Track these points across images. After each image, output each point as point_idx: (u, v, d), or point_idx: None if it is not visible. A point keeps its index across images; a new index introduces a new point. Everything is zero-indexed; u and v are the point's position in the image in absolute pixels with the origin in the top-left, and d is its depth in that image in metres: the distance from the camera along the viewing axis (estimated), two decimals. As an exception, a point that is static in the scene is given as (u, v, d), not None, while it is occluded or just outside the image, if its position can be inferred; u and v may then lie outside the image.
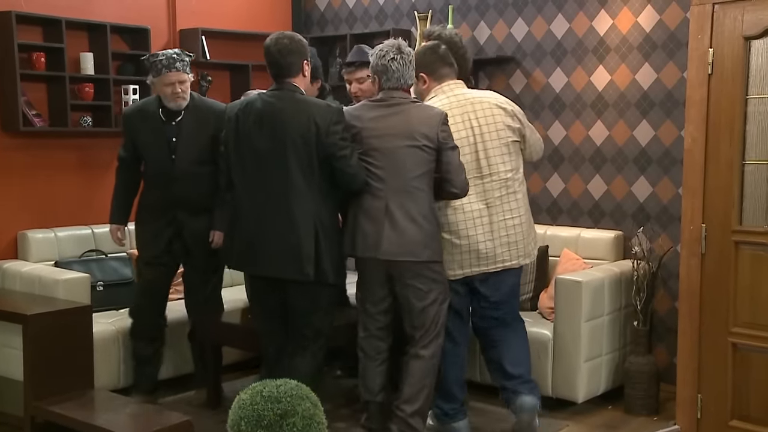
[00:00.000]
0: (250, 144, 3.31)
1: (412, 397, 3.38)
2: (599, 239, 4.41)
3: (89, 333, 3.76)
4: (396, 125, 3.31)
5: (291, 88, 3.34)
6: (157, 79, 3.84)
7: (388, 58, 3.34)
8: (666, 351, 4.29)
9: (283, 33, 3.40)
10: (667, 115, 4.28)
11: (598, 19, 4.47)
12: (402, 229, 3.27)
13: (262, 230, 3.32)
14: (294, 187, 3.26)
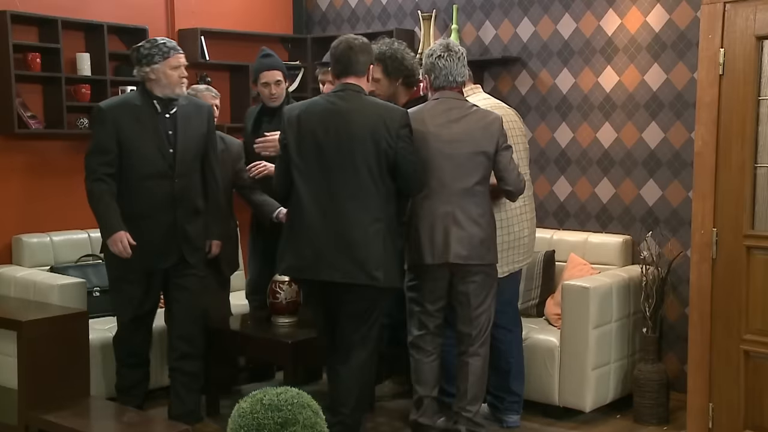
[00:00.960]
0: (316, 146, 3.28)
1: (475, 397, 3.56)
2: (607, 244, 4.40)
3: (85, 340, 3.76)
4: (462, 132, 3.42)
5: (356, 89, 3.34)
6: (163, 63, 3.63)
7: (435, 56, 3.44)
8: (676, 359, 4.28)
9: (354, 35, 3.45)
10: (677, 116, 4.28)
11: (606, 18, 4.46)
12: (469, 233, 3.40)
13: (327, 234, 3.27)
14: (363, 189, 3.25)
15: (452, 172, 3.40)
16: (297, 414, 1.62)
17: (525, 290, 4.40)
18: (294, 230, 3.33)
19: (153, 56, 3.63)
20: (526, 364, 4.02)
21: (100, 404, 3.71)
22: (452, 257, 3.39)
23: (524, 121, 4.77)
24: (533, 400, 4.08)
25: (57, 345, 3.62)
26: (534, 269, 4.41)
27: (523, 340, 4.04)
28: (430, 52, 3.47)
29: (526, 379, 4.02)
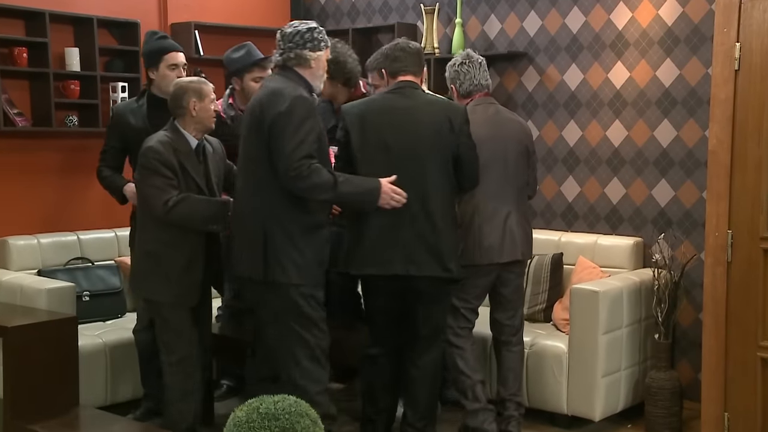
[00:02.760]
0: (382, 143, 3.36)
1: (518, 389, 3.83)
2: (617, 246, 4.39)
3: (74, 346, 3.72)
4: (512, 134, 3.72)
5: (414, 86, 3.46)
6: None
7: (457, 65, 3.76)
8: (690, 366, 4.27)
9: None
10: (691, 114, 4.26)
11: (617, 12, 4.45)
12: (518, 232, 3.69)
13: (396, 228, 3.35)
14: (433, 184, 3.38)
15: (509, 174, 3.68)
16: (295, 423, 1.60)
17: (532, 294, 4.40)
18: (363, 227, 3.38)
19: (320, 42, 3.34)
20: (533, 371, 4.03)
21: (89, 414, 3.69)
22: (512, 255, 3.67)
23: (531, 119, 4.79)
24: (540, 409, 4.08)
25: (45, 352, 3.60)
26: (541, 273, 4.40)
27: (530, 346, 4.06)
28: (453, 63, 3.79)
29: (534, 386, 4.04)
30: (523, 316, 3.93)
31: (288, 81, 3.26)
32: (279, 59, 3.31)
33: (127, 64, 4.81)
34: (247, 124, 3.29)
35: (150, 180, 3.38)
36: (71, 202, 4.72)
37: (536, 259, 4.45)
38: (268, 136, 3.17)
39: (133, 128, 3.74)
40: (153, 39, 3.77)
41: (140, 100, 3.81)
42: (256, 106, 3.24)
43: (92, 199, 4.73)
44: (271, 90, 3.24)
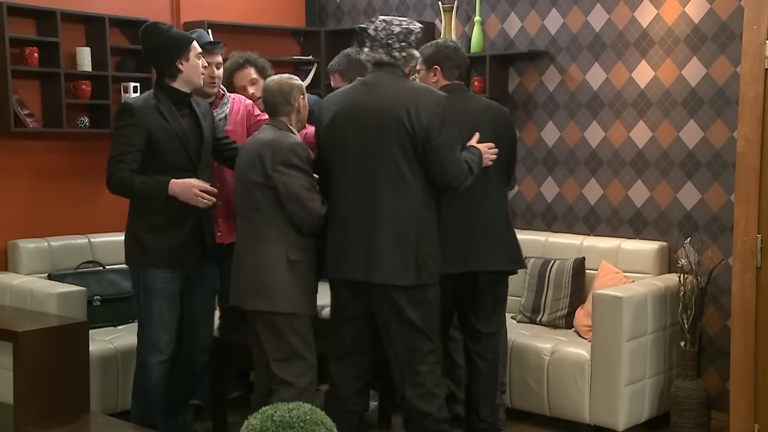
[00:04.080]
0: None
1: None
2: (641, 251, 4.36)
3: (85, 352, 3.75)
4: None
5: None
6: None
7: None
8: (717, 375, 4.23)
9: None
10: (718, 114, 4.23)
11: (641, 9, 4.42)
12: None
13: (470, 225, 3.52)
14: (492, 181, 3.57)
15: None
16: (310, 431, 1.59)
17: (553, 300, 4.39)
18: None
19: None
20: (554, 379, 4.01)
21: (100, 420, 3.71)
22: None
23: (552, 120, 4.77)
24: (561, 418, 4.06)
25: (55, 357, 3.62)
26: (563, 278, 4.38)
27: (552, 353, 4.04)
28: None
29: (555, 395, 4.02)
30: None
31: (408, 81, 3.40)
32: (385, 57, 3.33)
33: (139, 63, 4.82)
34: (383, 126, 3.25)
35: (301, 180, 3.33)
36: (82, 204, 4.73)
37: (557, 263, 4.43)
38: (424, 137, 3.23)
39: (163, 127, 3.50)
40: (166, 30, 3.60)
41: (160, 96, 3.55)
42: (398, 106, 3.23)
43: (104, 201, 4.73)
44: (408, 88, 3.31)
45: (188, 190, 3.47)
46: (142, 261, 3.56)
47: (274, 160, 3.32)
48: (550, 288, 4.41)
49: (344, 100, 3.38)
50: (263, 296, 3.33)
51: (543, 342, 4.14)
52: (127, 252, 3.63)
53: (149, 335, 3.60)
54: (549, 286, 4.41)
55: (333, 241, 3.36)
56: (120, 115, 3.54)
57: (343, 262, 3.32)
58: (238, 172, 3.49)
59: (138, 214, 3.59)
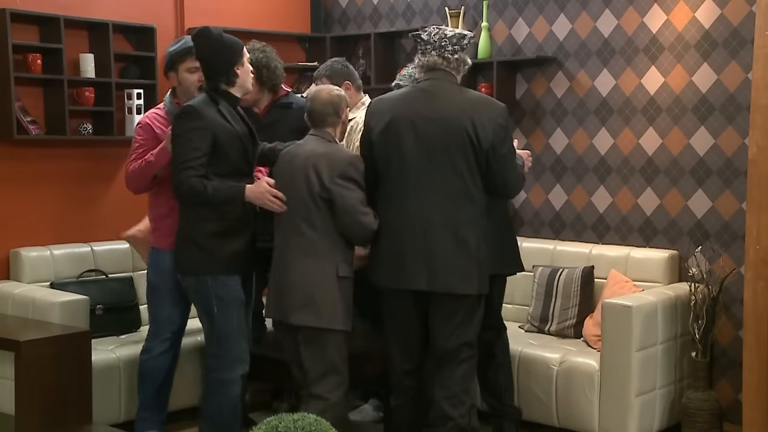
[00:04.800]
0: None
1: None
2: (651, 259, 4.35)
3: (88, 361, 3.74)
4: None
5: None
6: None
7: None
8: (729, 386, 4.20)
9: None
10: (729, 121, 4.22)
11: (651, 14, 4.41)
12: None
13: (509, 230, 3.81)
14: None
15: None
16: (317, 444, 1.58)
17: (561, 309, 4.37)
18: (504, 229, 3.69)
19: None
20: (563, 390, 4.00)
21: (102, 431, 3.69)
22: None
23: (560, 126, 4.75)
24: (570, 429, 4.04)
25: (57, 367, 3.61)
26: (571, 287, 4.37)
27: (560, 363, 4.03)
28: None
29: (564, 405, 4.00)
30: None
31: (466, 90, 3.45)
32: (438, 59, 3.35)
33: (143, 70, 4.82)
34: (448, 137, 3.28)
35: (357, 194, 3.34)
36: (85, 212, 4.72)
37: (566, 272, 4.41)
38: (489, 148, 3.27)
39: (228, 131, 3.44)
40: (219, 35, 3.50)
41: (220, 102, 3.46)
42: (462, 116, 3.26)
43: (106, 209, 4.73)
44: (470, 98, 3.36)
45: (263, 195, 3.42)
46: (212, 269, 3.45)
47: (332, 172, 3.32)
48: (559, 297, 4.39)
49: (400, 106, 3.37)
50: (312, 312, 3.32)
51: (551, 352, 4.12)
52: (189, 261, 3.49)
53: (230, 348, 3.49)
54: (557, 295, 4.39)
55: (389, 251, 3.36)
56: (185, 118, 3.42)
57: (404, 271, 3.32)
58: (282, 182, 3.44)
59: (198, 221, 3.46)
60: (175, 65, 3.77)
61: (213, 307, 3.47)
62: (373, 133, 3.40)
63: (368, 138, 3.43)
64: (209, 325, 3.52)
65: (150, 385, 3.80)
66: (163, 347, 3.78)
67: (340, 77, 4.01)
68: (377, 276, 3.41)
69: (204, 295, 3.48)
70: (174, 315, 3.78)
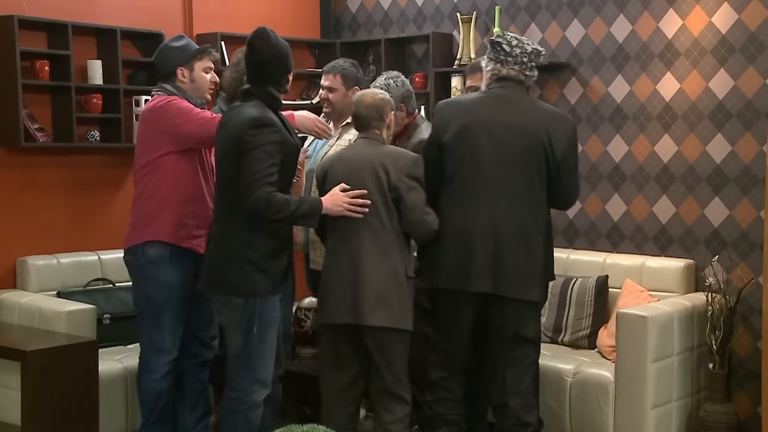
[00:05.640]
0: None
1: None
2: (667, 269, 4.33)
3: (95, 372, 3.74)
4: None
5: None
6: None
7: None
8: (748, 399, 4.17)
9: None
10: (747, 128, 4.19)
11: (666, 19, 4.40)
12: None
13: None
14: None
15: None
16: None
17: (575, 319, 4.35)
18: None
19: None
20: (577, 401, 3.98)
21: (109, 442, 3.70)
22: None
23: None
24: (585, 442, 4.00)
25: (64, 377, 3.61)
26: (585, 296, 4.35)
27: (574, 374, 4.00)
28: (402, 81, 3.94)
29: (578, 417, 3.98)
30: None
31: (538, 101, 3.67)
32: (519, 74, 3.47)
33: (151, 76, 4.82)
34: (527, 143, 3.39)
35: (422, 194, 3.42)
36: (92, 220, 4.73)
37: (580, 281, 4.39)
38: (561, 158, 3.41)
39: (292, 143, 3.38)
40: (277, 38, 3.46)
41: (276, 109, 3.37)
42: (539, 126, 3.39)
43: (114, 217, 4.73)
44: (544, 110, 3.54)
45: (340, 205, 3.36)
46: (265, 289, 3.32)
47: (400, 171, 3.39)
48: (572, 307, 4.36)
49: (476, 111, 3.46)
50: (389, 312, 3.36)
51: (565, 363, 4.09)
52: (244, 281, 3.31)
53: (258, 369, 3.39)
54: (571, 305, 4.37)
55: (454, 253, 3.41)
56: (264, 129, 3.25)
57: (470, 273, 3.37)
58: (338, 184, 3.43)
59: (255, 239, 3.30)
60: (190, 62, 3.67)
61: (254, 326, 3.34)
62: (445, 136, 3.46)
63: (438, 140, 3.49)
64: (243, 344, 3.37)
65: (155, 404, 3.69)
66: (168, 367, 3.67)
67: (351, 82, 3.99)
68: (438, 276, 3.46)
69: (248, 315, 3.34)
70: (179, 331, 3.68)
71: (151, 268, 3.61)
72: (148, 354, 3.69)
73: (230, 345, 3.43)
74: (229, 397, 3.45)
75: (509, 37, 3.50)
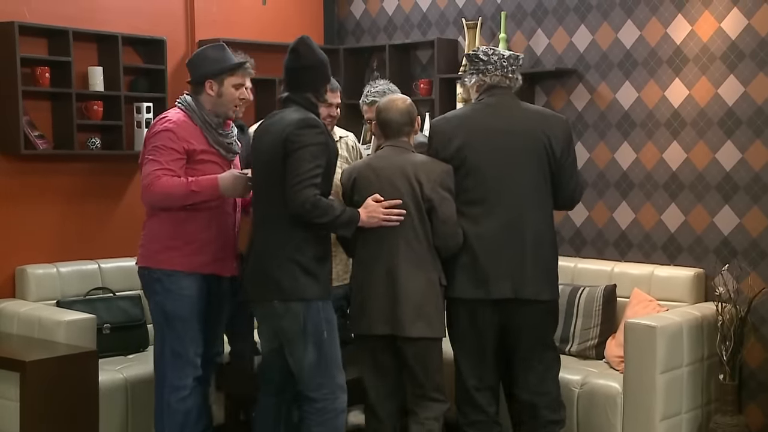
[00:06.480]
0: None
1: None
2: (676, 278, 4.32)
3: (94, 382, 3.73)
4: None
5: None
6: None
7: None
8: (760, 411, 4.16)
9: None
10: (757, 134, 4.18)
11: (675, 25, 4.39)
12: None
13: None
14: None
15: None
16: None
17: (582, 329, 4.34)
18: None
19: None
20: (584, 413, 3.96)
21: (109, 454, 3.68)
22: None
23: (581, 140, 4.73)
24: (593, 455, 3.99)
25: (64, 388, 3.60)
26: (592, 306, 4.34)
27: (581, 385, 3.99)
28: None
29: (585, 429, 3.97)
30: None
31: (526, 104, 3.67)
32: (502, 80, 3.55)
33: (153, 83, 4.83)
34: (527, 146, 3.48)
35: (453, 205, 3.45)
36: (93, 228, 4.72)
37: (587, 291, 4.38)
38: (560, 157, 3.50)
39: (335, 151, 3.40)
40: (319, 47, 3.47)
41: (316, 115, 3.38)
42: (536, 128, 3.48)
43: (114, 225, 4.73)
44: (537, 111, 3.65)
45: (376, 216, 3.38)
46: (317, 292, 3.31)
47: (434, 181, 3.41)
48: (580, 316, 4.35)
49: (472, 122, 3.52)
50: (427, 323, 3.40)
51: (572, 373, 4.07)
52: (297, 286, 3.27)
53: (334, 374, 3.36)
54: (578, 315, 4.36)
55: (472, 262, 3.46)
56: (310, 130, 3.25)
57: (491, 280, 3.43)
58: (371, 194, 3.42)
59: (303, 243, 3.28)
60: (220, 76, 3.54)
61: (323, 331, 3.30)
62: (447, 152, 3.49)
63: (440, 157, 3.51)
64: (316, 352, 3.31)
65: (183, 426, 3.55)
66: (196, 383, 3.56)
67: None
68: (456, 287, 3.48)
69: (315, 321, 3.30)
70: (202, 344, 3.58)
71: (168, 280, 3.50)
72: (173, 371, 3.52)
73: (299, 356, 3.34)
74: (312, 409, 3.36)
75: (484, 48, 3.60)
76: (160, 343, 3.55)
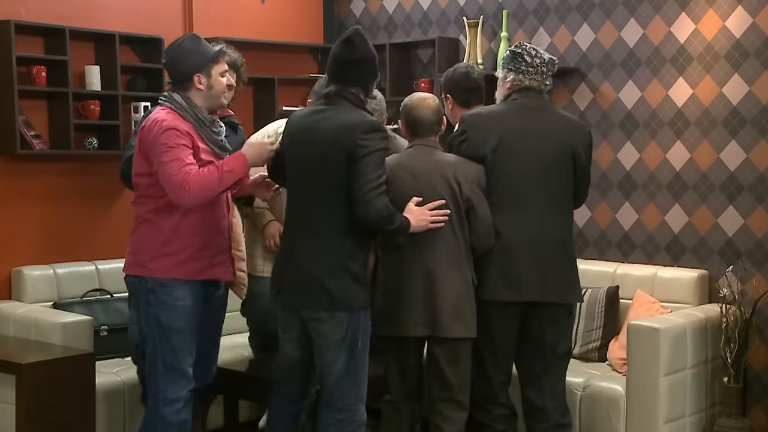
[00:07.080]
0: None
1: None
2: (679, 279, 4.32)
3: (91, 385, 3.74)
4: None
5: None
6: None
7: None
8: (764, 414, 4.16)
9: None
10: (762, 134, 4.19)
11: (678, 23, 4.40)
12: None
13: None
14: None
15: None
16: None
17: (585, 331, 4.34)
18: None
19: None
20: (587, 416, 3.96)
21: (106, 458, 3.68)
22: None
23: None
24: (596, 458, 3.99)
25: (60, 391, 3.60)
26: (595, 308, 4.34)
27: (584, 388, 3.99)
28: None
29: (588, 433, 3.97)
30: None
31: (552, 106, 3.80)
32: (540, 85, 3.56)
33: (150, 82, 4.83)
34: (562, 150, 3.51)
35: (488, 204, 3.45)
36: (89, 229, 4.72)
37: (590, 292, 4.38)
38: (582, 163, 3.56)
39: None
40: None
41: None
42: (566, 133, 3.53)
43: (112, 226, 4.73)
44: (565, 117, 3.69)
45: (423, 221, 3.32)
46: (364, 301, 3.26)
47: (471, 182, 3.41)
48: (582, 318, 4.35)
49: (510, 122, 3.51)
50: (464, 323, 3.40)
51: (575, 376, 4.06)
52: (347, 294, 3.21)
53: (361, 385, 3.31)
54: (581, 317, 4.35)
55: (499, 264, 3.45)
56: (377, 135, 3.18)
57: (523, 282, 3.44)
58: (409, 195, 3.36)
59: (354, 249, 3.23)
60: (207, 67, 3.39)
61: (358, 341, 3.24)
62: (485, 148, 3.47)
63: (479, 153, 3.48)
64: (347, 360, 3.25)
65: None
66: (190, 395, 3.46)
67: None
68: (488, 287, 3.47)
69: (353, 330, 3.23)
70: (194, 356, 3.48)
71: (162, 290, 3.36)
72: (166, 383, 3.39)
73: (329, 361, 3.27)
74: (334, 419, 3.28)
75: (528, 48, 3.58)
76: (152, 354, 3.42)
